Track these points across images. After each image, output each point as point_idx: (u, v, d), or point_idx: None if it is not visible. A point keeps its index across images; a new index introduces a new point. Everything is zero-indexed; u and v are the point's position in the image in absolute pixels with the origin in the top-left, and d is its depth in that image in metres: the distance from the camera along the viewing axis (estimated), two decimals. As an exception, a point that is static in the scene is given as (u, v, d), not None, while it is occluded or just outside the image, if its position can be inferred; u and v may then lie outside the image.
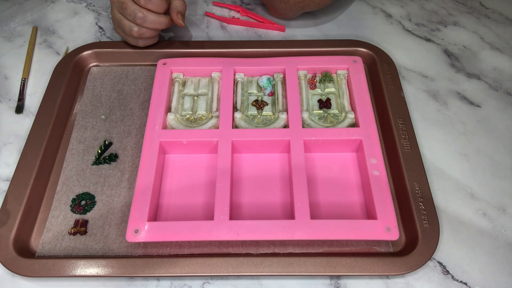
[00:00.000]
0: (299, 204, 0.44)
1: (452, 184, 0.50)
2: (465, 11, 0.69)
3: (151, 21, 0.53)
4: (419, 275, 0.44)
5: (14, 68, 0.61)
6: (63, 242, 0.45)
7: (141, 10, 0.52)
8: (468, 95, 0.58)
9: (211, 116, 0.52)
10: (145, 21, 0.53)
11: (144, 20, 0.52)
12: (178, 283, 0.43)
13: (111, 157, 0.51)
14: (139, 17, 0.52)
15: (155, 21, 0.53)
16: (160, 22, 0.54)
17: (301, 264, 0.42)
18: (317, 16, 0.68)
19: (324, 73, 0.56)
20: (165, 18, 0.54)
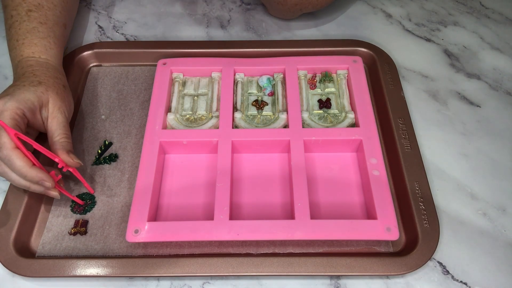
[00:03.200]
0: (299, 204, 0.44)
1: (452, 184, 0.50)
2: (465, 11, 0.69)
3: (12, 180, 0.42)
4: (419, 275, 0.44)
5: (14, 68, 0.61)
6: (63, 242, 0.45)
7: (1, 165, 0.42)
8: (468, 95, 0.58)
9: (211, 116, 0.52)
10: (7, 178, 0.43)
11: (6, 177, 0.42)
12: (178, 283, 0.43)
13: (111, 157, 0.51)
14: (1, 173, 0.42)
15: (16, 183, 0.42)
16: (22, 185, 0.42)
17: (301, 264, 0.42)
18: (317, 16, 0.68)
19: (324, 73, 0.56)
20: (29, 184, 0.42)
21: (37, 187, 0.43)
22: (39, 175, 0.42)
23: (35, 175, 0.41)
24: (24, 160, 0.41)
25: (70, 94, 0.50)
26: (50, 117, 0.45)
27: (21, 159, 0.41)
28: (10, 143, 0.41)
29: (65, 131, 0.46)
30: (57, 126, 0.45)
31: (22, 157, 0.41)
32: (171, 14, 0.68)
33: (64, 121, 0.46)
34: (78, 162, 0.44)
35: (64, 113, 0.46)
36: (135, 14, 0.68)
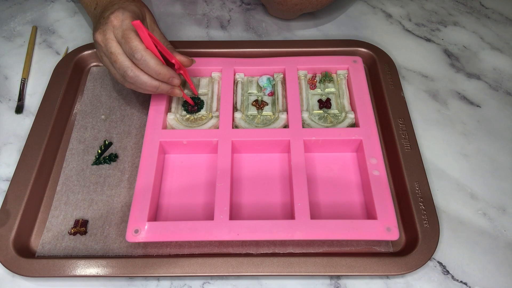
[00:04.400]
0: (299, 204, 0.44)
1: (452, 184, 0.50)
2: (465, 11, 0.69)
3: (142, 82, 0.45)
4: (419, 275, 0.44)
5: (14, 68, 0.61)
6: (63, 242, 0.45)
7: (132, 69, 0.44)
8: (468, 95, 0.58)
9: (211, 116, 0.52)
10: (136, 81, 0.45)
11: (135, 80, 0.45)
12: (178, 283, 0.43)
13: (111, 157, 0.51)
14: (129, 76, 0.44)
15: (147, 84, 0.45)
16: (152, 85, 0.45)
17: (301, 264, 0.42)
18: (317, 16, 0.68)
19: (324, 73, 0.56)
20: (159, 83, 0.46)
21: (165, 86, 0.46)
22: (170, 72, 0.45)
23: (167, 72, 0.45)
24: (156, 59, 0.44)
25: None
26: (149, 29, 0.49)
27: (154, 58, 0.44)
28: (142, 45, 0.43)
29: (167, 40, 0.50)
30: (160, 37, 0.50)
31: (154, 57, 0.44)
32: (171, 14, 0.68)
33: (161, 33, 0.51)
34: (192, 59, 0.49)
35: (158, 26, 0.51)
36: (135, 14, 0.68)
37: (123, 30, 0.43)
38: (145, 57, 0.43)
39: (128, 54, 0.43)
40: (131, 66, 0.44)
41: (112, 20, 0.44)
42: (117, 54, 0.44)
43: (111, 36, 0.44)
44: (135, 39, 0.43)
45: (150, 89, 0.46)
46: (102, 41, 0.45)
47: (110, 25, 0.44)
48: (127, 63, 0.44)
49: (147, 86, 0.45)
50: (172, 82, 0.46)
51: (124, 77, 0.45)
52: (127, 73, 0.44)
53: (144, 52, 0.43)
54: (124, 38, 0.43)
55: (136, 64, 0.44)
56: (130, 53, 0.43)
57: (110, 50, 0.44)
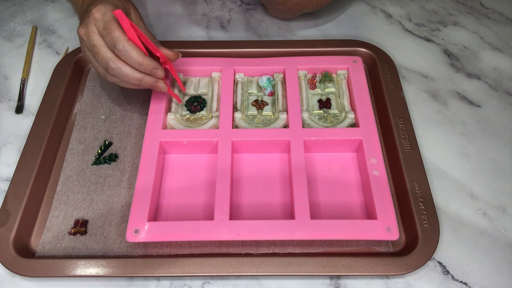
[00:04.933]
0: (299, 204, 0.44)
1: (452, 184, 0.50)
2: (465, 11, 0.69)
3: (124, 74, 0.44)
4: (419, 275, 0.44)
5: (14, 68, 0.61)
6: (63, 242, 0.45)
7: (114, 61, 0.43)
8: (468, 95, 0.58)
9: (211, 116, 0.52)
10: (118, 73, 0.44)
11: (117, 72, 0.44)
12: (178, 283, 0.43)
13: (111, 157, 0.51)
14: (111, 67, 0.43)
15: (130, 76, 0.44)
16: (135, 78, 0.44)
17: (301, 264, 0.42)
18: (317, 16, 0.67)
19: (324, 73, 0.56)
20: (142, 76, 0.45)
21: (149, 79, 0.45)
22: (154, 63, 0.44)
23: (150, 63, 0.44)
24: (139, 50, 0.43)
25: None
26: (135, 24, 0.47)
27: (137, 49, 0.43)
28: (124, 36, 0.42)
29: (152, 35, 0.49)
30: (145, 31, 0.49)
31: (137, 47, 0.43)
32: (171, 14, 0.68)
33: (147, 29, 0.50)
34: (178, 53, 0.48)
35: (143, 21, 0.50)
36: (135, 14, 0.68)
37: (105, 22, 0.43)
38: (127, 48, 0.42)
39: (110, 46, 0.43)
40: (113, 57, 0.43)
41: (94, 13, 0.44)
42: (99, 46, 0.43)
43: (93, 29, 0.43)
44: (116, 30, 0.42)
45: (133, 81, 0.45)
46: (84, 34, 0.44)
47: (92, 18, 0.44)
48: (109, 54, 0.43)
49: (130, 78, 0.44)
50: (155, 74, 0.45)
51: (107, 69, 0.44)
52: (109, 64, 0.43)
53: (125, 43, 0.42)
54: (105, 29, 0.42)
55: (118, 56, 0.43)
56: (111, 44, 0.42)
57: (92, 43, 0.43)
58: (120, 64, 0.43)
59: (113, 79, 0.46)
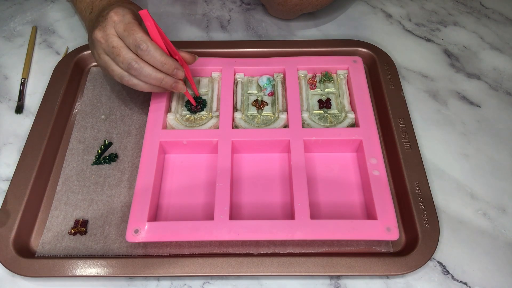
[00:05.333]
0: (299, 204, 0.44)
1: (452, 184, 0.50)
2: (465, 11, 0.69)
3: (146, 74, 0.44)
4: (419, 275, 0.44)
5: (14, 68, 0.61)
6: (63, 242, 0.45)
7: (137, 61, 0.43)
8: (468, 95, 0.58)
9: (211, 116, 0.52)
10: (140, 73, 0.44)
11: (139, 72, 0.44)
12: (178, 283, 0.43)
13: (111, 157, 0.51)
14: (133, 67, 0.43)
15: (152, 76, 0.44)
16: (157, 78, 0.45)
17: (301, 264, 0.42)
18: (317, 16, 0.68)
19: (324, 73, 0.56)
20: (163, 76, 0.45)
21: (169, 79, 0.46)
22: (175, 63, 0.45)
23: (173, 63, 0.44)
24: (162, 50, 0.44)
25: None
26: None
27: (160, 49, 0.44)
28: (148, 36, 0.43)
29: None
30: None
31: (160, 48, 0.44)
32: (171, 14, 0.68)
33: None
34: (196, 56, 0.49)
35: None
36: (135, 14, 0.68)
37: (126, 24, 0.43)
38: (151, 47, 0.43)
39: (132, 46, 0.43)
40: (135, 57, 0.43)
41: (112, 16, 0.44)
42: (120, 47, 0.43)
43: (111, 31, 0.44)
44: (139, 31, 0.43)
45: (153, 82, 0.45)
46: (102, 37, 0.44)
47: (110, 21, 0.44)
48: (131, 55, 0.43)
49: (151, 79, 0.45)
50: (176, 74, 0.45)
51: (129, 69, 0.44)
52: (132, 65, 0.43)
53: (149, 43, 0.43)
54: (127, 31, 0.43)
55: (141, 56, 0.43)
56: (134, 45, 0.43)
57: (112, 45, 0.43)
58: (143, 64, 0.44)
59: (131, 81, 0.45)
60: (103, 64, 0.46)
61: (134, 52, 0.43)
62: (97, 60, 0.47)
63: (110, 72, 0.46)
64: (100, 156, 0.51)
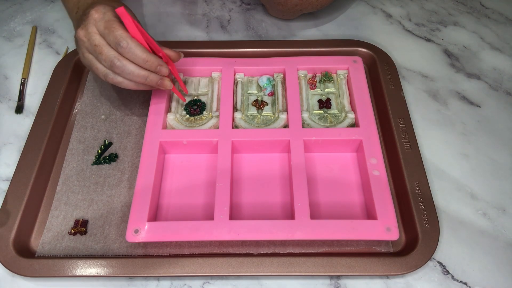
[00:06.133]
0: (299, 204, 0.44)
1: (452, 184, 0.50)
2: (465, 11, 0.69)
3: (129, 72, 0.43)
4: (419, 275, 0.44)
5: (14, 68, 0.61)
6: (63, 242, 0.45)
7: (119, 59, 0.43)
8: (468, 95, 0.58)
9: (211, 116, 0.52)
10: (123, 71, 0.43)
11: (122, 70, 0.43)
12: (178, 283, 0.43)
13: (111, 157, 0.51)
14: (116, 65, 0.43)
15: (135, 74, 0.44)
16: (141, 75, 0.44)
17: (301, 264, 0.42)
18: (317, 16, 0.68)
19: (324, 73, 0.56)
20: (147, 73, 0.44)
21: (154, 76, 0.45)
22: (158, 60, 0.44)
23: (155, 60, 0.44)
24: (143, 47, 0.43)
25: None
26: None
27: (141, 46, 0.43)
28: (127, 33, 0.43)
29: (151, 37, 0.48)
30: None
31: (141, 45, 0.43)
32: (171, 14, 0.68)
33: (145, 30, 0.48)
34: (180, 53, 0.48)
35: (142, 26, 0.48)
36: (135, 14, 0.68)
37: (106, 21, 0.43)
38: (131, 45, 0.42)
39: (113, 44, 0.43)
40: (117, 55, 0.43)
41: (93, 14, 0.43)
42: (102, 45, 0.43)
43: (93, 29, 0.43)
44: (119, 28, 0.42)
45: (138, 79, 0.44)
46: (84, 35, 0.44)
47: (92, 19, 0.43)
48: (113, 52, 0.43)
49: (135, 76, 0.44)
50: (160, 71, 0.45)
51: (111, 67, 0.43)
52: (114, 62, 0.43)
53: (129, 40, 0.42)
54: (107, 28, 0.42)
55: (122, 53, 0.43)
56: (115, 43, 0.42)
57: (94, 43, 0.43)
58: (125, 61, 0.43)
59: (115, 79, 0.45)
60: (88, 62, 0.46)
61: (115, 50, 0.43)
62: (82, 59, 0.46)
63: (94, 71, 0.45)
64: (100, 156, 0.51)
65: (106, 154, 0.52)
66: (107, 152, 0.52)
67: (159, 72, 0.45)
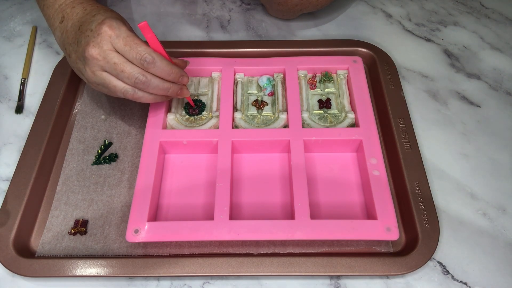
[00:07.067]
0: (299, 204, 0.44)
1: (452, 184, 0.50)
2: (465, 11, 0.69)
3: (155, 86, 0.43)
4: (419, 275, 0.44)
5: (14, 68, 0.61)
6: (63, 242, 0.45)
7: (144, 74, 0.42)
8: (468, 95, 0.58)
9: (211, 116, 0.52)
10: (148, 86, 0.43)
11: (147, 85, 0.43)
12: (178, 283, 0.43)
13: (111, 157, 0.51)
14: (141, 81, 0.42)
15: (159, 87, 0.44)
16: (165, 88, 0.44)
17: (301, 264, 0.42)
18: (317, 16, 0.68)
19: (324, 73, 0.56)
20: (170, 85, 0.45)
21: (175, 87, 0.46)
22: (180, 70, 0.45)
23: (178, 71, 0.44)
24: (166, 59, 0.44)
25: None
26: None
27: (165, 59, 0.43)
28: (150, 48, 0.42)
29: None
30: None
31: (164, 58, 0.43)
32: (171, 14, 0.68)
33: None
34: (187, 61, 0.49)
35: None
36: (135, 14, 0.68)
37: (124, 38, 0.42)
38: (157, 59, 0.42)
39: (136, 61, 0.42)
40: (141, 71, 0.42)
41: (107, 31, 0.42)
42: (122, 63, 0.42)
43: (109, 46, 0.42)
44: (141, 44, 0.42)
45: (161, 92, 0.45)
46: (98, 53, 0.42)
47: (106, 36, 0.42)
48: (136, 69, 0.42)
49: (159, 90, 0.44)
50: (182, 80, 0.46)
51: (136, 84, 0.43)
52: (139, 78, 0.42)
53: (154, 54, 0.42)
54: (128, 45, 0.41)
55: (146, 69, 0.42)
56: (138, 59, 0.42)
57: (113, 61, 0.42)
58: (150, 76, 0.43)
59: (136, 94, 0.44)
60: (101, 81, 0.44)
61: (138, 66, 0.42)
62: (91, 77, 0.44)
63: (111, 88, 0.44)
64: (100, 156, 0.51)
65: (106, 154, 0.52)
66: (107, 152, 0.52)
67: (181, 82, 0.46)
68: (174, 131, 0.50)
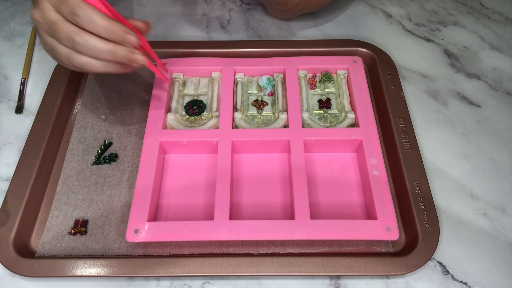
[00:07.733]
0: (299, 204, 0.44)
1: (452, 184, 0.50)
2: (465, 11, 0.69)
3: (92, 47, 0.37)
4: (419, 275, 0.44)
5: (14, 68, 0.61)
6: (63, 242, 0.45)
7: (79, 33, 0.36)
8: (468, 95, 0.58)
9: (211, 116, 0.52)
10: (86, 47, 0.37)
11: (85, 46, 0.37)
12: (178, 283, 0.43)
13: (111, 157, 0.51)
14: (77, 41, 0.37)
15: (100, 48, 0.37)
16: (107, 50, 0.37)
17: (301, 264, 0.42)
18: (317, 16, 0.68)
19: (324, 73, 0.56)
20: (114, 46, 0.38)
21: (122, 50, 0.38)
22: (123, 26, 0.37)
23: (120, 26, 0.37)
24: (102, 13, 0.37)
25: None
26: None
27: (100, 12, 0.37)
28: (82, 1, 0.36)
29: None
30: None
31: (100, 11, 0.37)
32: (171, 14, 0.68)
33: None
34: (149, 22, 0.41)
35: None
36: (135, 14, 0.68)
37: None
38: (89, 12, 0.36)
39: (70, 16, 0.36)
40: (76, 29, 0.36)
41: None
42: (58, 21, 0.37)
43: (46, 5, 0.37)
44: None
45: (105, 55, 0.38)
46: (39, 15, 0.37)
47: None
48: (72, 27, 0.36)
49: (100, 52, 0.37)
50: (128, 40, 0.38)
51: (73, 45, 0.37)
52: (75, 39, 0.36)
53: (86, 7, 0.36)
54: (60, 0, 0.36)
55: (80, 25, 0.36)
56: (71, 13, 0.36)
57: (49, 20, 0.37)
58: (86, 35, 0.37)
59: (80, 59, 0.38)
60: (49, 48, 0.39)
61: (73, 23, 0.37)
62: (44, 46, 0.40)
63: (58, 56, 0.39)
64: (100, 156, 0.51)
65: (106, 154, 0.52)
66: (107, 152, 0.52)
67: (127, 40, 0.38)
68: (174, 131, 0.50)
